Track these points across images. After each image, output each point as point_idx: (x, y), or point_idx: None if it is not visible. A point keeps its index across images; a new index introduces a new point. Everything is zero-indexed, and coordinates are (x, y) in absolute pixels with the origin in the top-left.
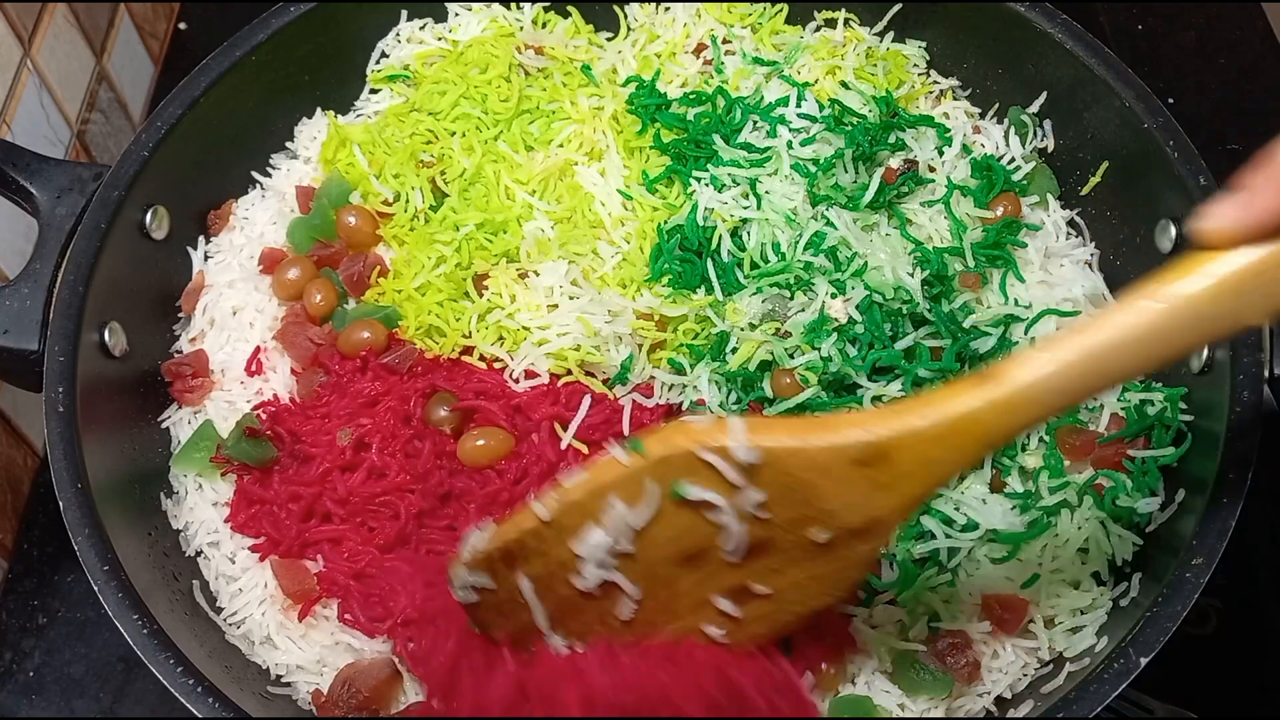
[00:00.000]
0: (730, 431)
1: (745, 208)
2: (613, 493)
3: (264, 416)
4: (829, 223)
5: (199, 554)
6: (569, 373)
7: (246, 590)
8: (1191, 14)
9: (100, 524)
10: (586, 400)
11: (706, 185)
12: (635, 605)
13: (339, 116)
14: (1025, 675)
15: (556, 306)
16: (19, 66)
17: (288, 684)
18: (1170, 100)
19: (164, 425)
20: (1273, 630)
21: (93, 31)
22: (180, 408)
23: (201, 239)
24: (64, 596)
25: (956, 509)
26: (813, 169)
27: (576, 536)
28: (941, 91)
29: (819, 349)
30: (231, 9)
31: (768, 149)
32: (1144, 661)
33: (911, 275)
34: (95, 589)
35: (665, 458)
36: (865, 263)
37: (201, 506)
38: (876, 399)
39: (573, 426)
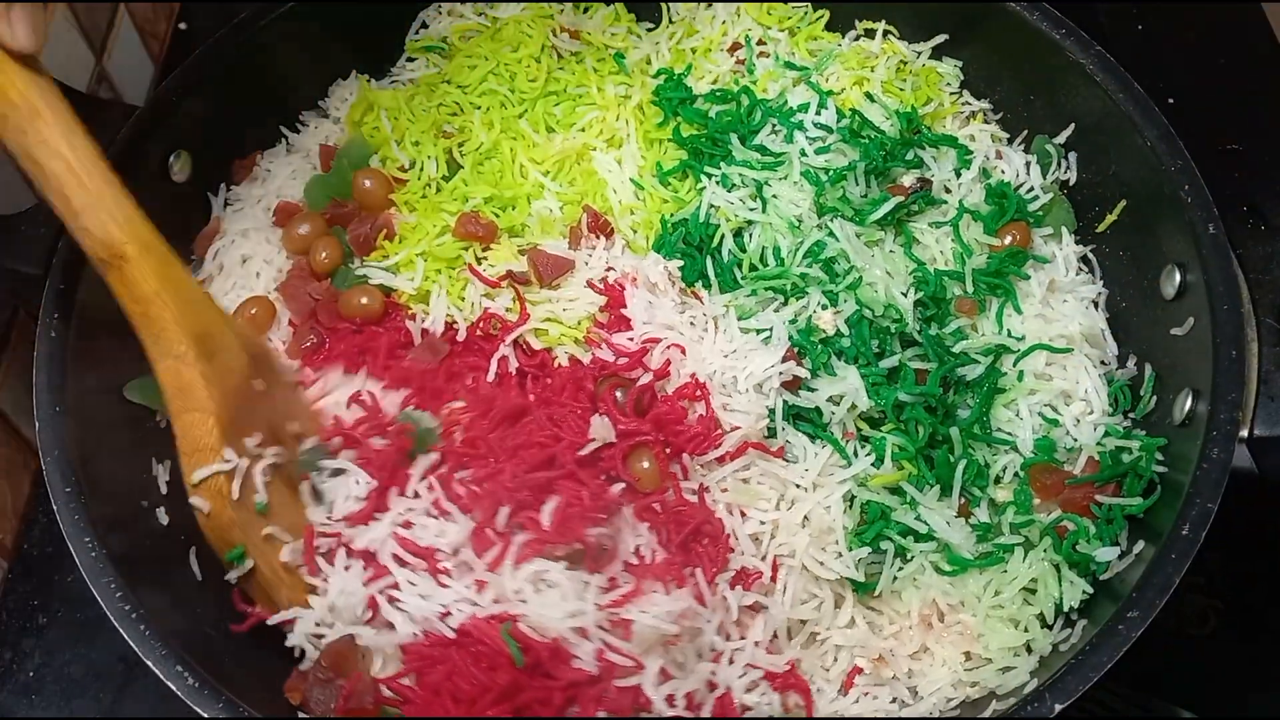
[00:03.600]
0: None
1: (751, 210)
2: None
3: None
4: (831, 233)
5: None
6: None
7: None
8: (1191, 14)
9: (69, 448)
10: None
11: (716, 183)
12: None
13: (373, 81)
14: (951, 701)
15: None
16: None
17: None
18: (1170, 100)
19: None
20: (1272, 630)
21: (93, 31)
22: None
23: (224, 186)
24: (64, 596)
25: (917, 518)
26: (823, 178)
27: None
28: (972, 113)
29: None
30: (232, 9)
31: (781, 154)
32: (1059, 708)
33: (905, 295)
34: (55, 510)
35: None
36: (860, 277)
37: None
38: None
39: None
